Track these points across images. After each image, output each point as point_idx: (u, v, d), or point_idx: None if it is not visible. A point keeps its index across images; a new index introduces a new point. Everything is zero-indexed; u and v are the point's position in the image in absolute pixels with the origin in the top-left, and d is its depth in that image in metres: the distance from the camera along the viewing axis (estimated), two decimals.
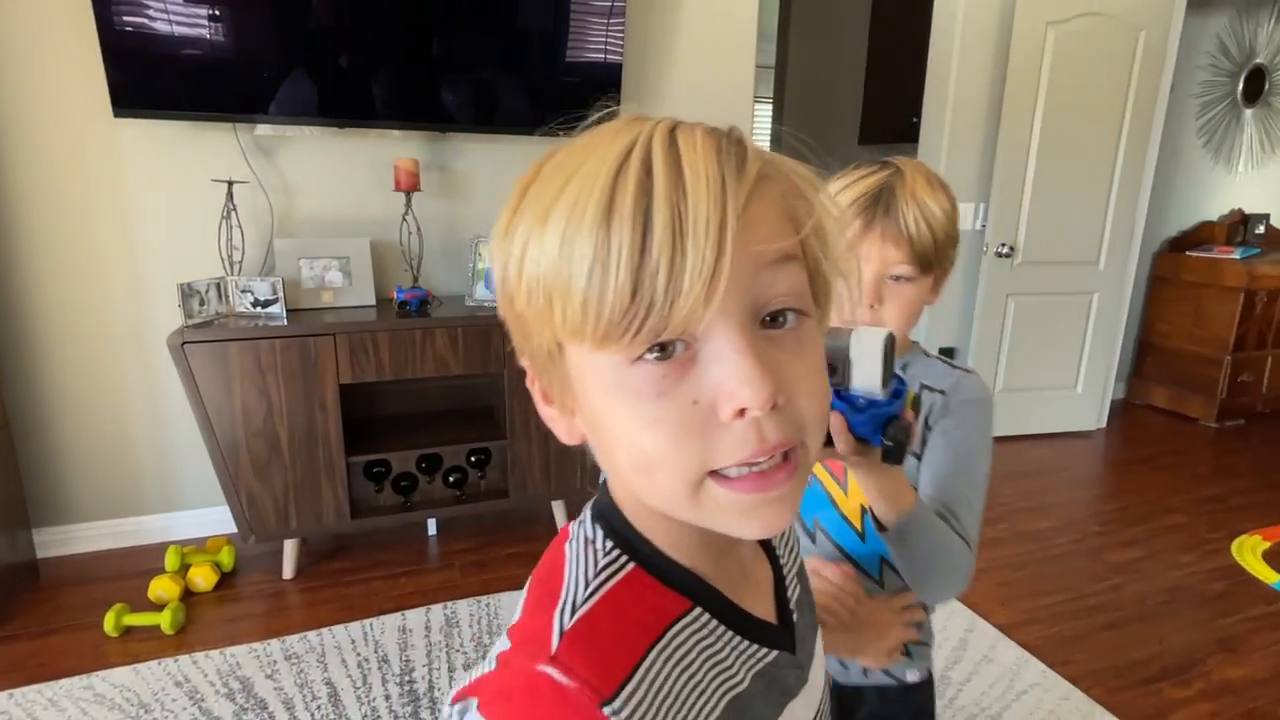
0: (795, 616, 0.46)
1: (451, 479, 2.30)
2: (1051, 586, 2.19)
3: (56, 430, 2.16)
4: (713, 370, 0.33)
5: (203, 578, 2.05)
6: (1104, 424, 3.57)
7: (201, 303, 1.97)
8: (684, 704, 0.36)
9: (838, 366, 0.62)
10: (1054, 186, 3.11)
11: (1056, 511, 2.68)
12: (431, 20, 2.15)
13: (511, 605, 2.01)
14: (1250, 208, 4.02)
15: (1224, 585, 2.22)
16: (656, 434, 0.34)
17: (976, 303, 3.21)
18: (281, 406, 1.98)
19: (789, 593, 0.47)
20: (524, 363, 0.40)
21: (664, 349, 0.33)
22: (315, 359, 1.98)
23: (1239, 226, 3.95)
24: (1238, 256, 3.57)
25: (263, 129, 2.14)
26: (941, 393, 0.80)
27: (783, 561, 0.49)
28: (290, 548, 2.14)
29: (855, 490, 0.79)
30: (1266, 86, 3.88)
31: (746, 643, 0.41)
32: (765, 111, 5.09)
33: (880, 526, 0.70)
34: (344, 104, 2.15)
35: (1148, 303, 3.93)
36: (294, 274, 2.16)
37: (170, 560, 2.07)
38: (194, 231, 2.14)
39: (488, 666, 0.36)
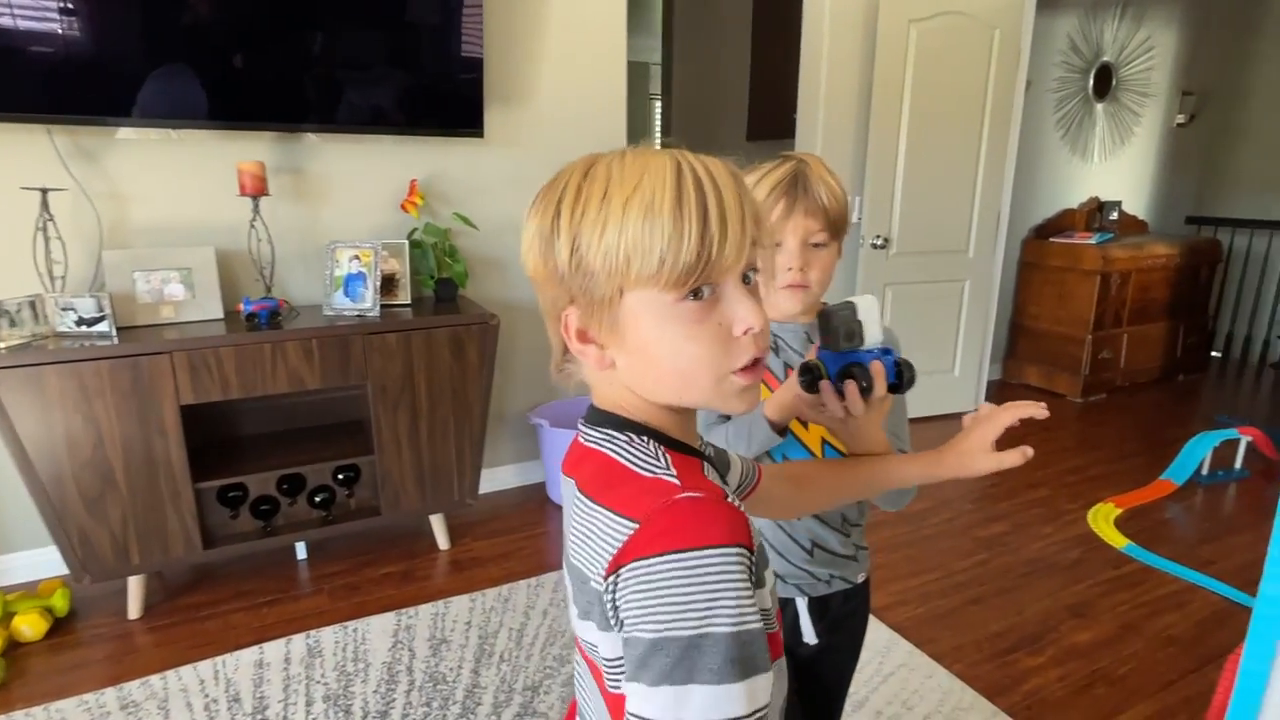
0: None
1: (318, 499, 2.18)
2: (922, 567, 2.27)
3: None
4: (732, 306, 0.53)
5: (30, 626, 1.86)
6: (981, 404, 3.73)
7: (12, 323, 1.78)
8: (721, 542, 0.49)
9: (854, 331, 0.82)
10: (923, 179, 3.23)
11: (933, 492, 2.78)
12: (276, 15, 2.02)
13: (383, 628, 1.92)
14: (1106, 195, 4.31)
15: (1079, 553, 2.35)
16: (699, 345, 0.52)
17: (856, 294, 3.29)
18: (114, 434, 1.82)
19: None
20: (566, 313, 0.55)
21: (697, 294, 0.52)
22: (149, 380, 1.83)
23: (1096, 213, 4.23)
24: (1094, 242, 3.81)
25: (85, 131, 1.96)
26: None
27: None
28: (135, 585, 1.97)
29: (814, 426, 0.98)
30: (1114, 82, 4.16)
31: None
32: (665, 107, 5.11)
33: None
34: (180, 103, 1.99)
35: (1018, 287, 4.15)
36: (128, 288, 1.99)
37: None
38: (5, 246, 1.94)
39: (625, 534, 0.49)
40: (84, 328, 1.86)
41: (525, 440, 2.79)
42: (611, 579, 0.49)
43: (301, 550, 2.29)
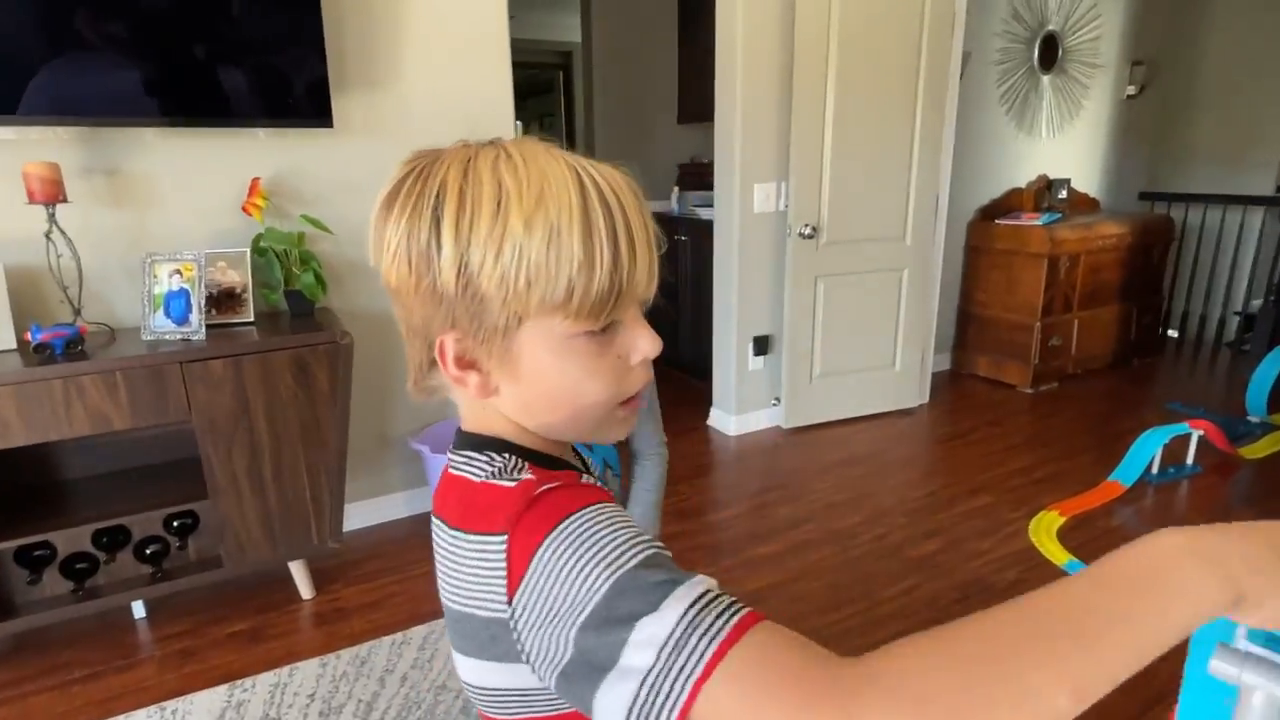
0: None
1: (148, 552, 1.88)
2: (846, 596, 2.03)
3: None
4: (631, 335, 0.50)
5: None
6: (926, 399, 3.53)
7: None
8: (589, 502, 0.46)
9: None
10: (853, 162, 2.98)
11: (868, 503, 2.56)
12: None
13: (208, 707, 1.64)
14: (1055, 173, 4.10)
15: (1016, 573, 2.14)
16: (600, 380, 0.50)
17: (785, 288, 3.05)
18: None
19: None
20: (442, 342, 0.49)
21: (604, 329, 0.49)
22: None
23: (1045, 192, 4.02)
24: (1040, 223, 3.60)
25: None
26: None
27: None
28: None
29: None
30: (1060, 52, 3.94)
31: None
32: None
33: None
34: None
35: (965, 273, 3.94)
36: None
37: None
38: None
39: (499, 561, 0.44)
40: None
41: (415, 464, 2.51)
42: (518, 598, 0.43)
43: (139, 609, 2.00)
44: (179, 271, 1.87)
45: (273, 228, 2.06)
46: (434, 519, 0.54)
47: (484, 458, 0.51)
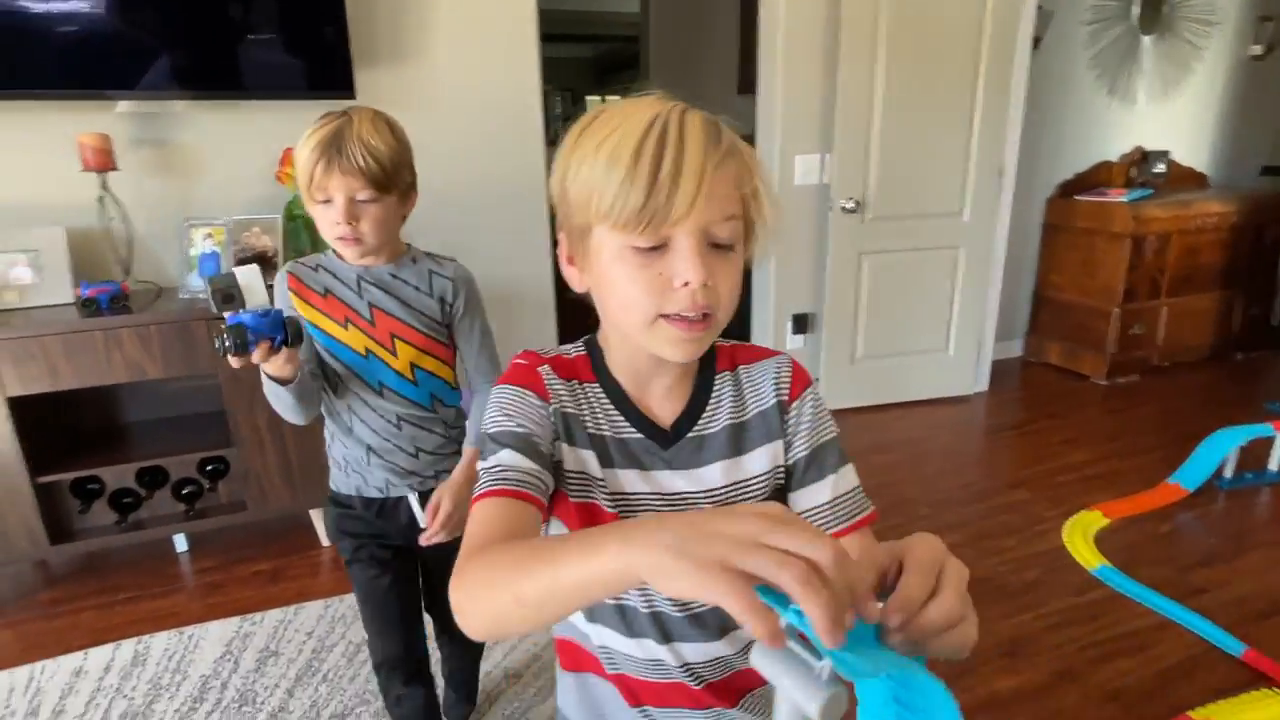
0: (692, 436, 0.68)
1: (184, 492, 2.06)
2: None
3: None
4: (675, 260, 0.57)
5: None
6: (985, 387, 3.32)
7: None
8: (563, 393, 0.68)
9: (234, 295, 0.95)
10: (904, 133, 2.81)
11: (889, 491, 2.45)
12: None
13: (220, 636, 1.79)
14: (1153, 145, 3.71)
15: (1037, 573, 2.00)
16: (636, 288, 0.58)
17: (827, 264, 2.93)
18: None
19: (697, 423, 0.68)
20: (560, 236, 0.64)
21: (652, 247, 0.57)
22: None
23: (1139, 166, 3.65)
24: (1125, 200, 3.28)
25: None
26: (450, 280, 1.17)
27: (713, 414, 0.69)
28: None
29: (403, 350, 1.13)
30: (1167, 9, 3.54)
31: (617, 413, 0.68)
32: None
33: None
34: (22, 73, 1.86)
35: (1041, 253, 3.65)
36: None
37: None
38: None
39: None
40: None
41: None
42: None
43: (182, 543, 2.20)
44: (211, 235, 2.01)
45: (297, 195, 2.17)
46: None
47: (573, 344, 0.71)
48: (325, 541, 2.21)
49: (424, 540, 1.14)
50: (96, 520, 2.01)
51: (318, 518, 2.20)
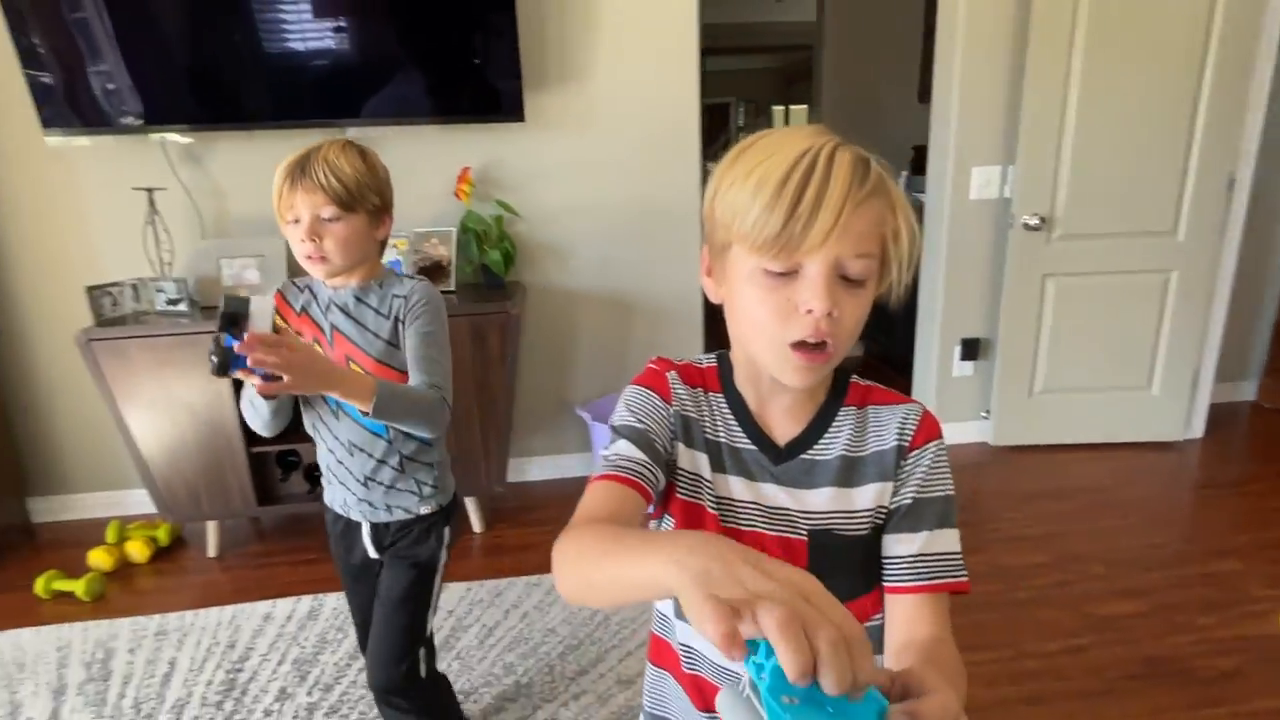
0: (804, 458, 0.70)
1: None
2: (986, 639, 1.79)
3: (47, 412, 2.49)
4: (803, 287, 0.58)
5: (137, 551, 2.26)
6: (1199, 434, 2.85)
7: (114, 303, 2.15)
8: (685, 398, 0.72)
9: (240, 320, 0.98)
10: (1102, 142, 2.50)
11: (1059, 543, 2.19)
12: (344, 27, 2.15)
13: (344, 609, 2.01)
14: None
15: (1238, 661, 1.69)
16: (764, 310, 0.60)
17: (1004, 286, 2.68)
18: (183, 399, 2.12)
19: (812, 447, 0.71)
20: (704, 248, 0.68)
21: (783, 273, 0.59)
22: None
23: None
24: None
25: (175, 137, 2.28)
26: (404, 298, 1.16)
27: (829, 442, 0.71)
28: (211, 529, 2.30)
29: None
30: None
31: (735, 424, 0.71)
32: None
33: (365, 414, 1.06)
34: (260, 106, 2.23)
35: None
36: (214, 273, 2.29)
37: (110, 533, 2.31)
38: (123, 237, 2.32)
39: None
40: (171, 306, 2.18)
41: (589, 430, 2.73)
42: None
43: None
44: (395, 245, 2.26)
45: (473, 211, 2.38)
46: None
47: (707, 355, 0.76)
48: (478, 528, 2.40)
49: (239, 349, 0.94)
50: (293, 489, 2.34)
51: (472, 506, 2.39)
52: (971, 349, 2.85)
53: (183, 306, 2.17)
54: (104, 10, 2.05)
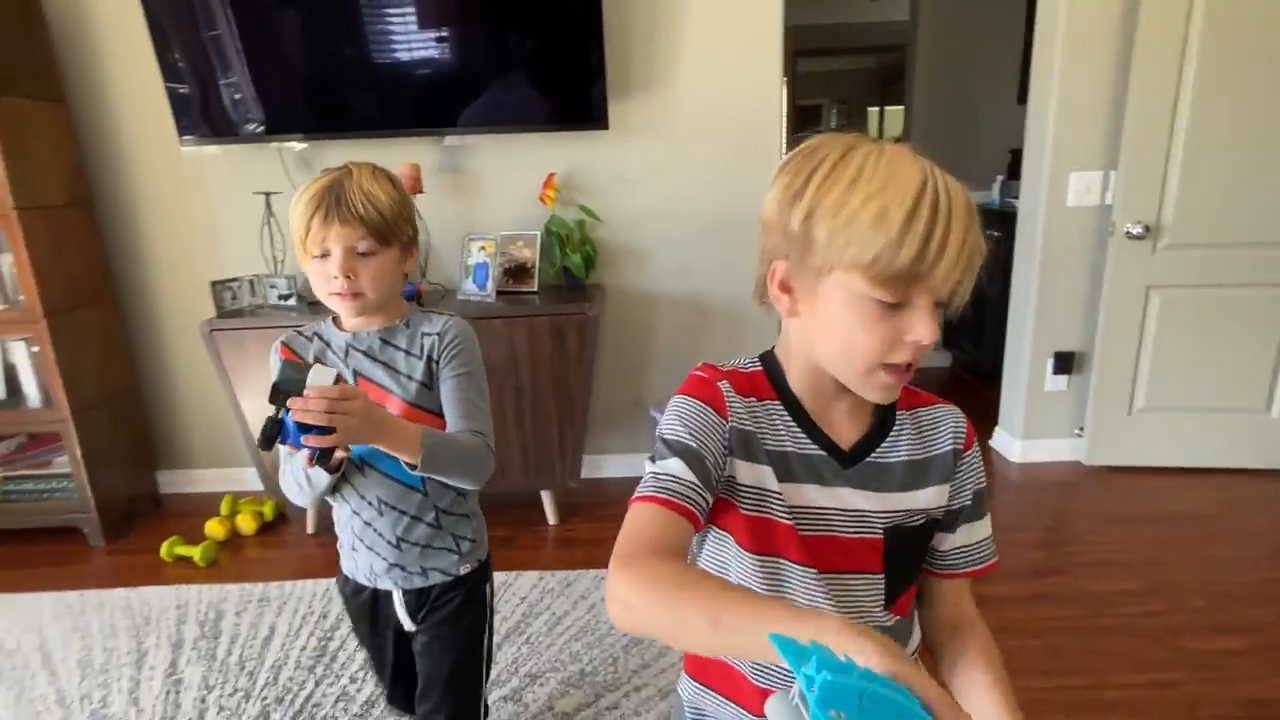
0: (872, 461, 0.73)
1: None
2: (1063, 665, 1.72)
3: (174, 395, 2.76)
4: (913, 319, 0.60)
5: (246, 524, 2.48)
6: None
7: (233, 296, 2.36)
8: (741, 411, 0.71)
9: (294, 392, 0.89)
10: (1217, 144, 2.33)
11: (1153, 572, 2.07)
12: (445, 37, 2.30)
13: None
14: None
15: None
16: (871, 338, 0.62)
17: (1103, 297, 2.55)
18: None
19: (877, 450, 0.73)
20: (776, 265, 0.66)
21: (894, 303, 0.60)
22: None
23: None
24: None
25: (293, 144, 2.48)
26: (437, 335, 1.06)
27: (893, 445, 0.74)
28: (310, 510, 2.48)
29: None
30: None
31: (799, 429, 0.71)
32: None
33: (413, 467, 0.96)
34: (367, 115, 2.40)
35: None
36: None
37: (224, 506, 2.54)
38: (245, 236, 2.54)
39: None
40: (282, 301, 2.38)
41: None
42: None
43: None
44: (484, 248, 2.38)
45: (557, 215, 2.47)
46: None
47: (747, 359, 0.76)
48: (552, 520, 2.49)
49: (295, 415, 0.87)
50: None
51: (547, 499, 2.48)
52: (1065, 363, 2.71)
53: (291, 301, 2.37)
54: (235, 28, 2.25)
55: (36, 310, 2.25)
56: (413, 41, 2.31)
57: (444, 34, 2.30)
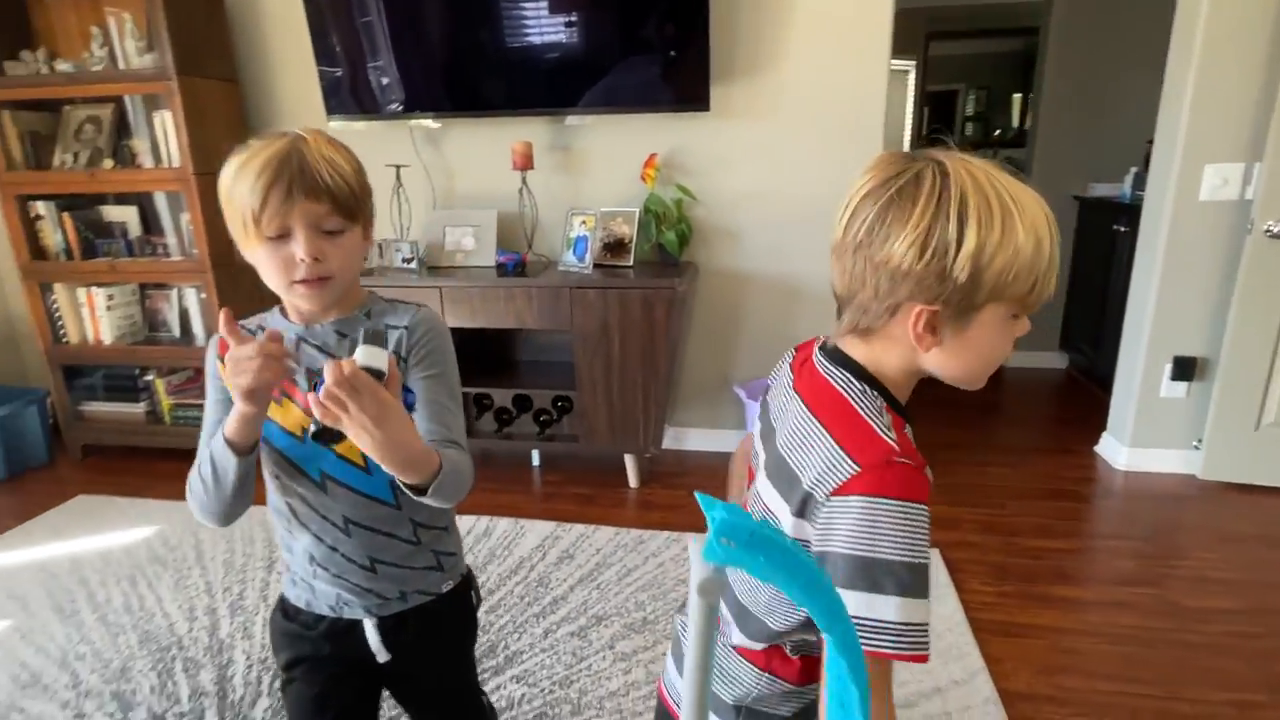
0: None
1: (541, 419, 2.66)
2: (1136, 673, 1.67)
3: None
4: (1023, 323, 0.67)
5: None
6: None
7: (364, 257, 2.63)
8: (911, 498, 0.64)
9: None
10: None
11: (1256, 593, 1.94)
12: (574, 21, 2.45)
13: (540, 532, 2.31)
14: None
15: None
16: (1003, 350, 0.67)
17: (1233, 300, 2.37)
18: None
19: None
20: (919, 311, 0.63)
21: (1017, 315, 0.66)
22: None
23: None
24: None
25: (427, 122, 2.72)
26: (405, 329, 0.91)
27: None
28: None
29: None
30: None
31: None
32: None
33: (413, 489, 0.80)
34: (495, 95, 2.58)
35: None
36: (439, 239, 2.72)
37: None
38: (383, 204, 2.81)
39: (848, 473, 0.62)
40: (405, 264, 2.64)
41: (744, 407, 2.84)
42: (838, 500, 0.62)
43: (536, 459, 2.84)
44: (585, 222, 2.53)
45: (656, 193, 2.58)
46: (791, 387, 0.75)
47: (859, 387, 0.68)
48: (633, 483, 2.63)
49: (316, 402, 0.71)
50: (484, 427, 2.73)
51: (630, 463, 2.62)
52: (1186, 369, 2.54)
53: (413, 265, 2.61)
54: (383, 14, 2.50)
55: (205, 262, 2.62)
56: (544, 26, 2.47)
57: (572, 19, 2.44)
